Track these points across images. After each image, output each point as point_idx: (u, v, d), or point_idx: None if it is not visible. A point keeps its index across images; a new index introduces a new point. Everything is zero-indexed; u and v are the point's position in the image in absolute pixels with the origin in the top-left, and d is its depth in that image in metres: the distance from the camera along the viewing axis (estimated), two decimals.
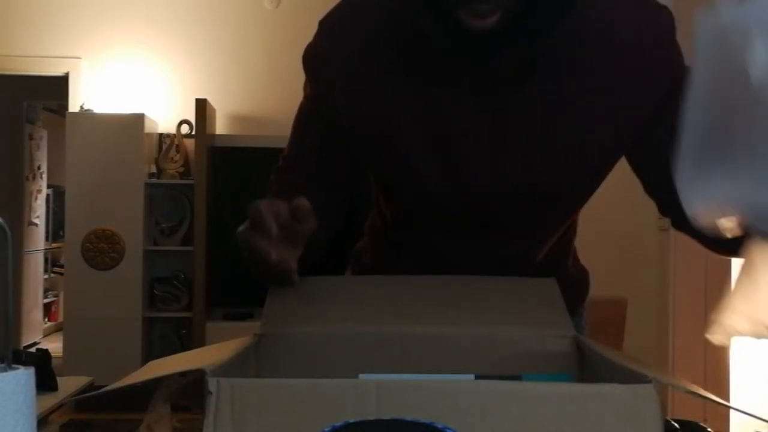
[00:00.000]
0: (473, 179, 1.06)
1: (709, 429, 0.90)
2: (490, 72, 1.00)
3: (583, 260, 1.31)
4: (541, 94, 1.01)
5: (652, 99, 1.02)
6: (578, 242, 1.30)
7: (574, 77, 1.00)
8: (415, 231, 1.17)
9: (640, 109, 1.03)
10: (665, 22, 1.03)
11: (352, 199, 1.24)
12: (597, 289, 1.43)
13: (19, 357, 2.68)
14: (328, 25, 1.10)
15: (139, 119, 4.79)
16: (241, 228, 0.95)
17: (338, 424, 0.68)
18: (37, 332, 7.38)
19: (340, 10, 1.10)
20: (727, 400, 2.94)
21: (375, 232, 1.27)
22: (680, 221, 1.08)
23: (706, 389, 0.77)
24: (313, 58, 1.10)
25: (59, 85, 5.17)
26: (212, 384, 0.74)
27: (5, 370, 0.65)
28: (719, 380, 2.94)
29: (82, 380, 3.13)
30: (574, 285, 1.27)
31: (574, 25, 0.97)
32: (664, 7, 1.04)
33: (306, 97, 1.16)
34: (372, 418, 0.71)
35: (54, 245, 8.08)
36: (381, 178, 1.17)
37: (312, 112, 1.15)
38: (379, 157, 1.11)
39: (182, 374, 0.86)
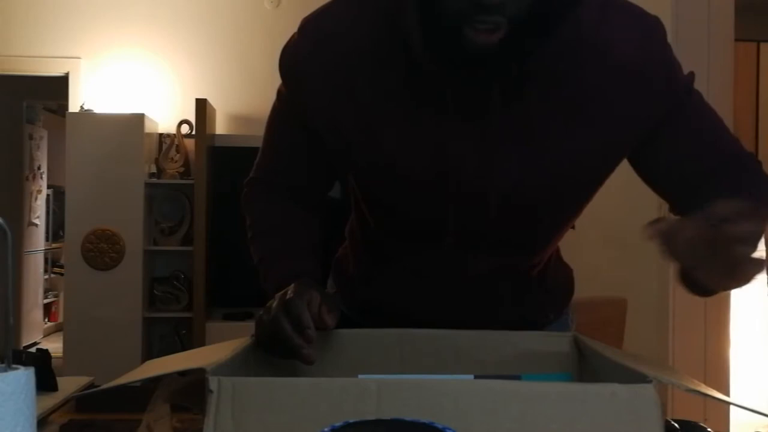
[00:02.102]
0: (463, 189, 1.04)
1: (709, 429, 0.90)
2: (481, 88, 0.98)
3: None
4: (533, 107, 0.99)
5: (649, 108, 1.01)
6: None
7: (567, 89, 0.99)
8: (402, 243, 1.15)
9: (637, 119, 1.02)
10: (658, 31, 1.02)
11: (331, 204, 1.24)
12: (597, 289, 1.42)
13: (19, 357, 2.68)
14: (311, 31, 1.05)
15: (139, 119, 4.79)
16: (273, 313, 0.98)
17: (338, 424, 0.68)
18: (37, 332, 7.38)
19: (325, 16, 1.05)
20: None
21: (355, 240, 1.24)
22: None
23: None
24: (294, 66, 1.06)
25: (59, 85, 5.16)
26: (213, 383, 0.74)
27: (5, 370, 0.65)
28: (719, 380, 2.94)
29: (82, 380, 3.13)
30: (560, 286, 1.26)
31: (569, 37, 0.95)
32: (655, 17, 1.03)
33: (281, 101, 1.13)
34: (372, 418, 0.71)
35: (54, 245, 8.07)
36: (366, 188, 1.13)
37: (289, 120, 1.12)
38: (364, 168, 1.08)
39: (182, 374, 0.86)
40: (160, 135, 5.10)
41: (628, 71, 0.99)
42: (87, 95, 5.08)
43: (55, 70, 5.18)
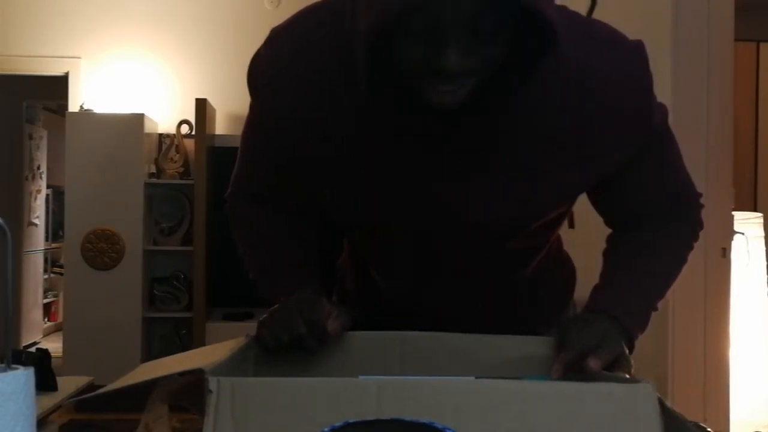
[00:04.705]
0: (425, 216, 1.03)
1: (709, 429, 0.90)
2: (443, 129, 0.95)
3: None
4: (508, 134, 0.97)
5: (622, 146, 1.00)
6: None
7: (543, 125, 0.97)
8: (371, 259, 1.17)
9: (609, 155, 1.01)
10: (639, 64, 0.99)
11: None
12: None
13: (19, 357, 2.67)
14: (276, 46, 1.02)
15: (139, 119, 4.79)
16: (290, 316, 0.99)
17: (338, 424, 0.68)
18: (37, 332, 7.37)
19: (290, 31, 1.02)
20: (727, 400, 2.94)
21: (351, 252, 1.24)
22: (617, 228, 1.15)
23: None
24: (260, 83, 1.04)
25: (59, 85, 5.16)
26: (212, 383, 0.74)
27: (5, 370, 0.64)
28: (719, 380, 2.94)
29: (81, 380, 3.13)
30: (563, 284, 1.26)
31: (548, 75, 0.91)
32: (637, 43, 1.00)
33: (253, 113, 1.10)
34: (372, 418, 0.71)
35: (54, 245, 8.07)
36: (331, 205, 1.10)
37: (260, 132, 1.09)
38: (326, 187, 1.07)
39: (181, 374, 0.86)
40: (160, 135, 5.10)
41: (606, 109, 0.97)
42: (87, 95, 5.08)
43: (55, 70, 5.18)
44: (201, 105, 4.70)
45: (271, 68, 1.02)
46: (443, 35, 0.81)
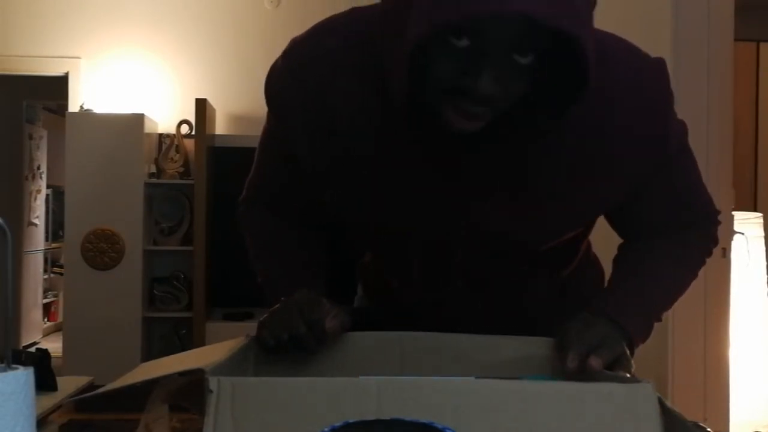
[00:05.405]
0: (427, 237, 1.04)
1: (708, 429, 0.90)
2: (457, 148, 0.95)
3: None
4: (527, 157, 0.97)
5: (640, 168, 1.00)
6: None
7: (561, 141, 0.96)
8: (381, 268, 1.17)
9: (628, 178, 1.01)
10: (658, 83, 0.99)
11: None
12: None
13: (19, 357, 2.68)
14: (293, 58, 1.03)
15: (139, 119, 4.79)
16: (289, 316, 0.99)
17: (338, 424, 0.68)
18: (36, 332, 7.37)
19: (307, 42, 1.03)
20: (727, 400, 2.94)
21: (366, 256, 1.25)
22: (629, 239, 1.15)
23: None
24: (274, 96, 1.04)
25: (59, 85, 5.16)
26: (213, 383, 0.74)
27: (5, 370, 0.64)
28: (719, 381, 2.94)
29: (81, 380, 3.13)
30: (592, 284, 1.25)
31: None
32: (657, 61, 1.00)
33: (269, 123, 1.11)
34: (372, 418, 0.71)
35: (54, 245, 8.07)
36: (342, 218, 1.11)
37: (276, 143, 1.10)
38: (336, 202, 1.07)
39: (181, 374, 0.86)
40: (160, 135, 5.10)
41: (625, 132, 0.97)
42: (87, 95, 5.08)
43: (55, 70, 5.17)
44: (201, 105, 4.70)
45: (285, 79, 1.03)
46: (483, 56, 0.82)
